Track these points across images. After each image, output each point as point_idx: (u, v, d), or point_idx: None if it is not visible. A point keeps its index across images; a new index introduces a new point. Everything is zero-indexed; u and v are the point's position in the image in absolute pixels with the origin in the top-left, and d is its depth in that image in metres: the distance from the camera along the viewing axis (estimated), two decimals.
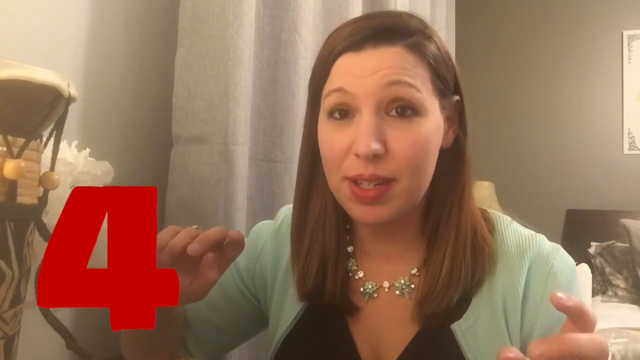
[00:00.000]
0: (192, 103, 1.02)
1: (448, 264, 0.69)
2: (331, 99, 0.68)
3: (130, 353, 0.79)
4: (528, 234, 0.73)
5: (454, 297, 0.69)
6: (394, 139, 0.65)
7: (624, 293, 3.02)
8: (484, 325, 0.69)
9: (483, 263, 0.70)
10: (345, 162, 0.67)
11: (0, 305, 0.51)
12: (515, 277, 0.70)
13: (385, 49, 0.66)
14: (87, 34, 0.96)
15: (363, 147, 0.64)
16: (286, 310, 0.78)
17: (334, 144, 0.68)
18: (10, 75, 0.49)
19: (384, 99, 0.65)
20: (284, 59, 1.20)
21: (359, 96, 0.66)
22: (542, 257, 0.71)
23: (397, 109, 0.65)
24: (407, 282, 0.73)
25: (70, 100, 0.56)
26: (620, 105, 3.54)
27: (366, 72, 0.65)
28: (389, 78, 0.65)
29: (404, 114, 0.65)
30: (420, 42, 0.68)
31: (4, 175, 0.50)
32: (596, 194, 3.48)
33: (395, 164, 0.65)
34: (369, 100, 0.65)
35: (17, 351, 0.55)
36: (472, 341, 0.68)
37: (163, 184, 1.04)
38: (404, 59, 0.66)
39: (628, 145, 3.52)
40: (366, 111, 0.65)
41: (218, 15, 1.02)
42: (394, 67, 0.65)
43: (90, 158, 0.71)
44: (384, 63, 0.65)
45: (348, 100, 0.66)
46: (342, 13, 1.37)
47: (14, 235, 0.52)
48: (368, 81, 0.65)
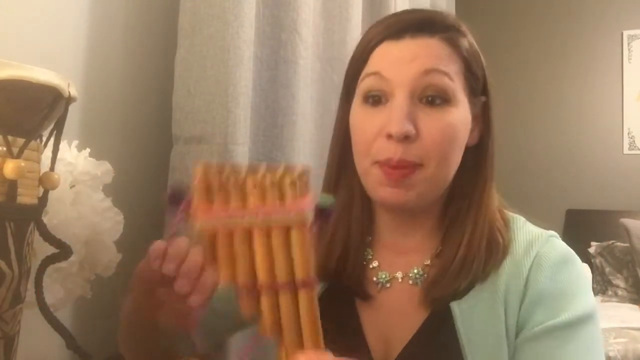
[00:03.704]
0: (192, 103, 1.02)
1: (462, 253, 0.71)
2: (367, 82, 0.71)
3: (132, 349, 0.78)
4: (538, 232, 0.74)
5: (462, 284, 0.70)
6: (425, 124, 0.68)
7: (624, 293, 3.02)
8: (482, 310, 0.69)
9: (495, 257, 0.71)
10: (375, 145, 0.69)
11: (0, 305, 0.51)
12: (519, 270, 0.71)
13: (423, 40, 0.70)
14: (87, 34, 0.96)
15: (395, 127, 0.66)
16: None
17: (366, 127, 0.70)
18: (10, 75, 0.49)
19: (419, 87, 0.68)
20: (284, 59, 1.20)
21: (394, 82, 0.68)
22: (539, 248, 0.72)
23: (428, 96, 0.69)
24: (421, 272, 0.74)
25: (70, 100, 0.56)
26: (620, 105, 3.54)
27: (404, 59, 0.69)
28: (426, 66, 0.68)
29: (434, 102, 0.69)
30: (456, 37, 0.71)
31: (4, 175, 0.50)
32: (596, 194, 3.48)
33: (423, 148, 0.67)
34: (405, 86, 0.68)
35: (17, 351, 0.55)
36: (467, 323, 0.69)
37: (163, 184, 1.04)
38: (441, 49, 0.70)
39: (628, 145, 3.52)
40: (400, 95, 0.68)
41: (218, 15, 1.02)
42: (430, 56, 0.69)
43: (90, 158, 0.71)
44: (421, 52, 0.69)
45: (383, 85, 0.69)
46: (342, 13, 1.37)
47: (14, 235, 0.52)
48: (405, 68, 0.68)
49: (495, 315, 0.69)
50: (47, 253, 0.59)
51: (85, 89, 0.93)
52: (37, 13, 0.86)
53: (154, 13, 1.09)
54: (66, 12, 0.92)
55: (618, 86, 3.55)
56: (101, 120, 0.99)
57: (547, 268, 0.70)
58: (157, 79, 1.08)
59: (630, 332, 2.34)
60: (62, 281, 0.65)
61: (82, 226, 0.66)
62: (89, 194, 0.68)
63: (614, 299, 3.00)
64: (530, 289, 0.69)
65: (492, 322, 0.69)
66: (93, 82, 0.96)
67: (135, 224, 0.81)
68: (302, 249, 0.45)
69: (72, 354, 0.63)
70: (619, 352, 2.18)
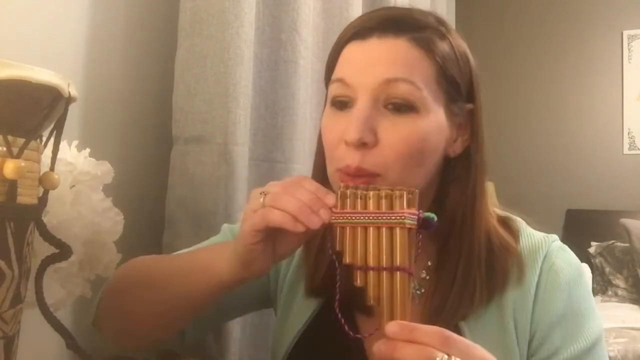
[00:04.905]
0: (192, 103, 1.02)
1: (460, 278, 0.68)
2: (332, 88, 0.69)
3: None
4: (540, 238, 0.72)
5: (468, 307, 0.67)
6: (386, 131, 0.65)
7: (624, 293, 3.02)
8: (492, 325, 0.68)
9: (504, 277, 0.69)
10: (337, 152, 0.67)
11: (0, 305, 0.51)
12: (526, 281, 0.69)
13: (390, 40, 0.66)
14: (87, 34, 0.95)
15: (351, 134, 0.64)
16: (296, 310, 0.77)
17: (330, 132, 0.68)
18: (10, 75, 0.49)
19: (381, 94, 0.65)
20: (284, 59, 1.20)
21: (357, 88, 0.66)
22: (548, 257, 0.70)
23: (393, 103, 0.65)
24: (417, 286, 0.72)
25: (70, 100, 0.56)
26: (620, 105, 3.54)
27: (367, 63, 0.65)
28: (387, 75, 0.64)
29: (399, 109, 0.65)
30: (429, 38, 0.66)
31: (4, 175, 0.50)
32: (596, 194, 3.48)
33: (382, 157, 0.64)
34: (366, 92, 0.65)
35: (17, 351, 0.55)
36: (479, 340, 0.67)
37: (163, 184, 1.04)
38: (408, 52, 0.65)
39: (628, 145, 3.52)
40: (362, 101, 0.65)
41: (218, 15, 1.02)
42: (394, 63, 0.65)
43: (90, 158, 0.71)
44: (385, 56, 0.65)
45: (347, 91, 0.67)
46: (342, 13, 1.37)
47: (14, 235, 0.52)
48: (367, 73, 0.65)
49: (504, 329, 0.68)
50: (47, 253, 0.59)
51: (85, 89, 0.93)
52: (37, 13, 0.86)
53: (154, 13, 1.09)
54: (66, 12, 0.92)
55: (618, 86, 3.55)
56: (101, 120, 0.98)
57: (564, 286, 0.68)
58: (157, 79, 1.08)
59: (630, 332, 2.34)
60: (62, 281, 0.65)
61: (82, 226, 0.66)
62: (89, 194, 0.68)
63: (614, 299, 3.00)
64: (545, 307, 0.68)
65: (502, 335, 0.68)
66: (93, 82, 0.96)
67: (135, 224, 0.81)
68: (402, 244, 0.59)
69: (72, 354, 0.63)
70: (619, 352, 2.19)
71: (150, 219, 1.04)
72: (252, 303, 0.86)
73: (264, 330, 1.15)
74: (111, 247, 0.71)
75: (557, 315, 0.68)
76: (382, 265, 0.59)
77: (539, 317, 0.68)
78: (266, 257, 0.64)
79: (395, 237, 0.59)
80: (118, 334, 0.76)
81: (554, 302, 0.68)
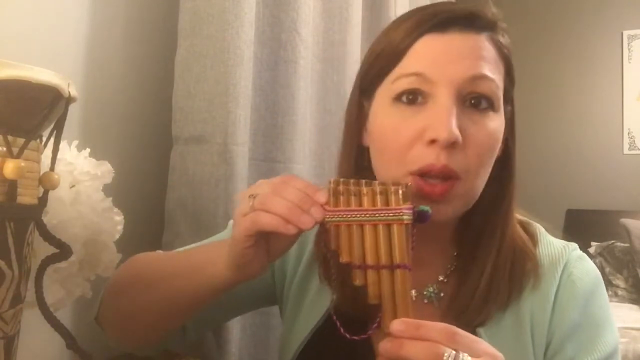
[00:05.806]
0: (192, 103, 1.02)
1: (486, 280, 0.66)
2: (404, 82, 0.63)
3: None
4: (560, 247, 0.71)
5: (491, 309, 0.66)
6: (471, 131, 0.61)
7: (624, 293, 3.02)
8: (509, 333, 0.67)
9: (521, 281, 0.67)
10: (412, 152, 0.62)
11: (0, 305, 0.51)
12: (545, 290, 0.67)
13: (472, 36, 0.63)
14: (87, 34, 0.95)
15: (444, 132, 0.59)
16: (306, 310, 0.76)
17: (400, 130, 0.63)
18: (10, 75, 0.49)
19: (464, 90, 0.62)
20: (284, 59, 1.20)
21: (439, 83, 0.61)
22: (567, 267, 0.69)
23: (473, 99, 0.63)
24: (436, 290, 0.70)
25: (70, 100, 0.56)
26: (620, 105, 3.54)
27: (451, 57, 0.62)
28: (474, 71, 0.62)
29: (478, 106, 0.63)
30: (500, 36, 0.65)
31: (4, 175, 0.50)
32: (596, 194, 3.48)
33: (466, 158, 0.61)
34: (451, 87, 0.61)
35: (17, 351, 0.55)
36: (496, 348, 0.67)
37: (163, 184, 1.04)
38: (488, 50, 0.64)
39: (628, 145, 3.52)
40: (444, 96, 0.61)
41: (218, 15, 1.02)
42: (479, 59, 0.62)
43: (90, 158, 0.71)
44: (469, 52, 0.62)
45: (423, 86, 0.62)
46: (342, 13, 1.37)
47: (14, 235, 0.52)
48: (452, 68, 0.61)
49: (521, 337, 0.66)
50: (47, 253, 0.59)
51: (85, 89, 0.93)
52: (37, 13, 0.86)
53: (154, 13, 1.09)
54: (66, 12, 0.92)
55: (618, 86, 3.55)
56: (101, 120, 0.99)
57: (581, 295, 0.67)
58: (157, 79, 1.08)
59: (631, 332, 2.34)
60: (62, 281, 0.65)
61: (82, 226, 0.66)
62: (89, 194, 0.68)
63: (614, 299, 3.00)
64: (561, 316, 0.66)
65: (518, 343, 0.66)
66: (93, 82, 0.96)
67: (135, 224, 0.81)
68: (400, 240, 0.58)
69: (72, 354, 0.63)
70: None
71: (150, 219, 1.04)
72: (254, 302, 0.86)
73: (264, 330, 1.15)
74: (111, 247, 0.71)
75: (572, 325, 0.66)
76: (381, 263, 0.58)
77: (555, 326, 0.67)
78: (261, 259, 0.63)
79: (393, 233, 0.58)
80: (119, 332, 0.76)
81: (570, 312, 0.66)
